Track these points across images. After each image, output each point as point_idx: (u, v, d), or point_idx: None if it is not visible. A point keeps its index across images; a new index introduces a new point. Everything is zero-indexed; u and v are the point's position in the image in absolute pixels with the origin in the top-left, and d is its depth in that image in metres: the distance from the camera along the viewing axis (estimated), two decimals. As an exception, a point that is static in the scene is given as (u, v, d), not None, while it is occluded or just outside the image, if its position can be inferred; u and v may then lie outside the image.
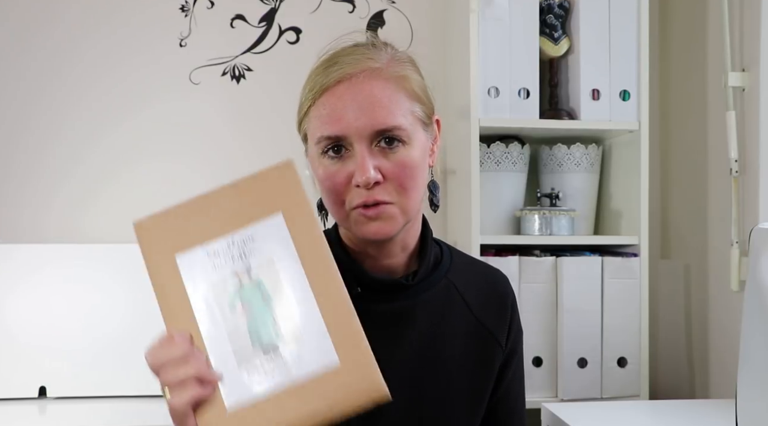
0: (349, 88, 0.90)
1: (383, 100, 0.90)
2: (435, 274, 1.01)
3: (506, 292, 1.07)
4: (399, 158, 0.91)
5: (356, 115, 0.89)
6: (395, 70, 0.92)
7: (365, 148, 0.89)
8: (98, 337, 1.54)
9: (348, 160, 0.90)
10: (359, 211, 0.91)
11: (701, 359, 1.74)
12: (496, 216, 1.73)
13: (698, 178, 1.75)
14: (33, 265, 1.56)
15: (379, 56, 0.93)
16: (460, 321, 1.01)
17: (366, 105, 0.89)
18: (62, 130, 1.85)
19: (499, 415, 1.05)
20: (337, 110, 0.89)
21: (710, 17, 1.70)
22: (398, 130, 0.90)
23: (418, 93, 0.94)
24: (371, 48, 0.94)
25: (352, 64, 0.91)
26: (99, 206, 1.85)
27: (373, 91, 0.90)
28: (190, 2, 1.89)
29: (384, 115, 0.89)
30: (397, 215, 0.92)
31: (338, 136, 0.90)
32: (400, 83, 0.92)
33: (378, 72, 0.91)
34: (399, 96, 0.91)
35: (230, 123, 1.90)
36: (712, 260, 1.70)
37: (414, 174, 0.92)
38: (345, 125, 0.89)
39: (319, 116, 0.91)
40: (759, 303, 1.02)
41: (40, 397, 1.54)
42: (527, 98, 1.66)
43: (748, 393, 1.05)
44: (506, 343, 1.04)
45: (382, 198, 0.90)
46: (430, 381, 0.98)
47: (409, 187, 0.92)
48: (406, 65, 0.95)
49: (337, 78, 0.90)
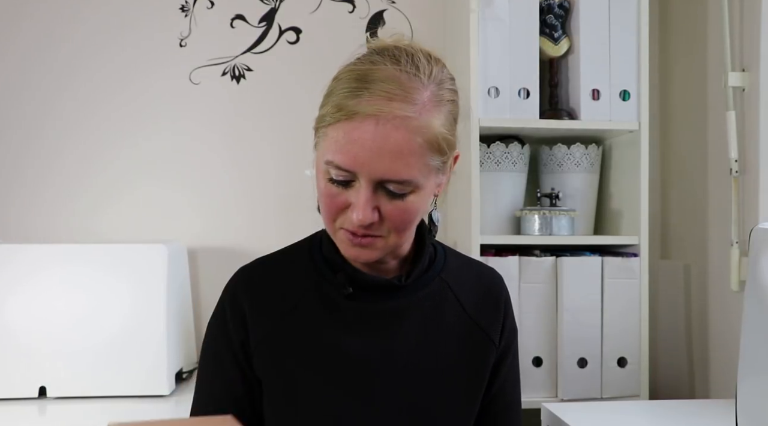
0: (375, 130, 0.85)
1: (404, 153, 0.86)
2: (428, 274, 1.02)
3: (500, 290, 1.07)
4: (402, 205, 0.90)
5: (373, 159, 0.86)
6: (426, 120, 0.87)
7: (370, 191, 0.88)
8: (98, 337, 1.54)
9: (350, 188, 0.89)
10: (347, 234, 0.91)
11: (701, 359, 1.74)
12: (496, 216, 1.73)
13: (698, 178, 1.75)
14: (33, 265, 1.56)
15: (418, 96, 0.87)
16: (453, 320, 1.01)
17: (386, 153, 0.86)
18: (64, 133, 1.85)
19: (494, 413, 1.05)
20: (356, 146, 0.86)
21: (710, 17, 1.70)
22: (408, 185, 0.89)
23: (441, 144, 0.90)
24: (413, 77, 0.88)
25: (388, 103, 0.86)
26: (99, 207, 1.86)
27: (399, 142, 0.86)
28: (190, 2, 1.89)
29: (399, 167, 0.87)
30: (382, 247, 0.93)
31: (348, 170, 0.88)
32: (427, 134, 0.88)
33: (410, 121, 0.86)
34: (422, 150, 0.88)
35: (230, 123, 1.90)
36: (712, 260, 1.70)
37: (412, 219, 0.92)
38: (359, 163, 0.86)
39: (337, 141, 0.88)
40: (759, 303, 1.02)
41: (40, 397, 1.54)
42: (527, 98, 1.66)
43: (748, 393, 1.05)
44: (500, 342, 1.04)
45: (372, 233, 0.91)
46: (424, 380, 0.98)
47: (402, 230, 0.92)
48: (442, 106, 0.90)
49: (370, 112, 0.86)
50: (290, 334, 0.96)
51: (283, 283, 1.00)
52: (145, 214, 1.86)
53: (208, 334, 1.01)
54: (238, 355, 0.97)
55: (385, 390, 0.96)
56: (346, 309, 0.97)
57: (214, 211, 1.89)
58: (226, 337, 0.98)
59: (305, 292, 0.98)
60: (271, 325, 0.97)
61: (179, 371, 1.63)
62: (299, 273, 1.00)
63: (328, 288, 0.98)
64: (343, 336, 0.96)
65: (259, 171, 1.90)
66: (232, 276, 1.02)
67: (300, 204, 1.81)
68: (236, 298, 0.99)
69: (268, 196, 1.90)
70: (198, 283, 1.86)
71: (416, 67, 0.89)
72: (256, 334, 0.97)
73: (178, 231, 1.86)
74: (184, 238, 1.83)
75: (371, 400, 0.95)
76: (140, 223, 1.85)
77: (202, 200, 1.89)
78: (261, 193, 1.90)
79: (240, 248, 1.88)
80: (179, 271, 1.69)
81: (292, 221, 1.86)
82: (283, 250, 1.05)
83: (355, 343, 0.96)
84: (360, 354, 0.96)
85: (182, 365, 1.65)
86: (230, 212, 1.90)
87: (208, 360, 1.01)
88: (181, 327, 1.66)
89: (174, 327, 1.60)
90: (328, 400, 0.95)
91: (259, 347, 0.96)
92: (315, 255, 1.01)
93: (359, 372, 0.95)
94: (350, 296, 0.97)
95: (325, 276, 0.99)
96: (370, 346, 0.96)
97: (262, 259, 1.04)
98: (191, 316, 1.77)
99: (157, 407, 1.50)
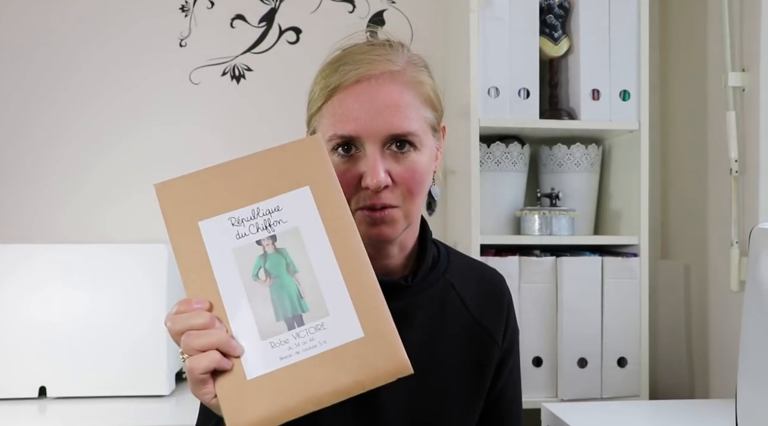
0: (367, 89, 0.89)
1: (400, 105, 0.89)
2: (433, 274, 1.02)
3: (502, 291, 1.07)
4: (409, 164, 0.91)
5: (373, 117, 0.88)
6: (413, 75, 0.92)
7: (377, 151, 0.89)
8: (98, 337, 1.54)
9: (358, 160, 0.90)
10: (365, 213, 0.91)
11: (701, 359, 1.74)
12: (496, 216, 1.73)
13: (698, 178, 1.75)
14: (34, 265, 1.56)
15: (397, 58, 0.92)
16: (457, 320, 1.01)
17: (383, 108, 0.89)
18: (64, 132, 1.86)
19: (496, 413, 1.05)
20: (354, 110, 0.89)
21: (710, 17, 1.70)
22: (412, 135, 0.90)
23: (432, 99, 0.94)
24: (389, 49, 0.93)
25: (371, 64, 0.90)
26: (100, 207, 1.86)
27: (392, 94, 0.89)
28: (190, 2, 1.89)
29: (400, 119, 0.89)
30: (400, 219, 0.93)
31: (352, 136, 0.89)
32: (416, 88, 0.92)
33: (397, 75, 0.90)
34: (415, 101, 0.91)
35: (230, 123, 1.90)
36: (712, 260, 1.70)
37: (422, 180, 0.93)
38: (360, 126, 0.88)
39: (334, 114, 0.90)
40: (759, 303, 1.02)
41: (40, 397, 1.54)
42: (527, 98, 1.66)
43: (748, 393, 1.05)
44: (503, 342, 1.04)
45: (389, 202, 0.91)
46: (428, 379, 0.98)
47: (415, 193, 0.93)
48: (422, 69, 0.95)
49: (356, 77, 0.89)
50: None
51: None
52: (146, 214, 1.85)
53: None
54: None
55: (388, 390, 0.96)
56: None
57: (214, 211, 1.89)
58: None
59: None
60: None
61: (179, 371, 1.63)
62: None
63: None
64: None
65: (259, 171, 1.90)
66: None
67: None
68: None
69: (268, 196, 1.89)
70: (198, 283, 1.85)
71: (390, 45, 0.95)
72: None
73: (178, 231, 1.86)
74: (184, 238, 1.83)
75: (375, 401, 0.95)
76: (140, 223, 1.85)
77: (202, 200, 1.88)
78: (261, 193, 1.90)
79: (240, 248, 1.87)
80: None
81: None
82: None
83: None
84: None
85: (182, 365, 1.65)
86: (230, 212, 1.89)
87: None
88: (181, 327, 1.66)
89: (174, 327, 1.60)
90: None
91: None
92: None
93: None
94: None
95: None
96: None
97: None
98: (191, 316, 1.77)
99: (157, 407, 1.50)
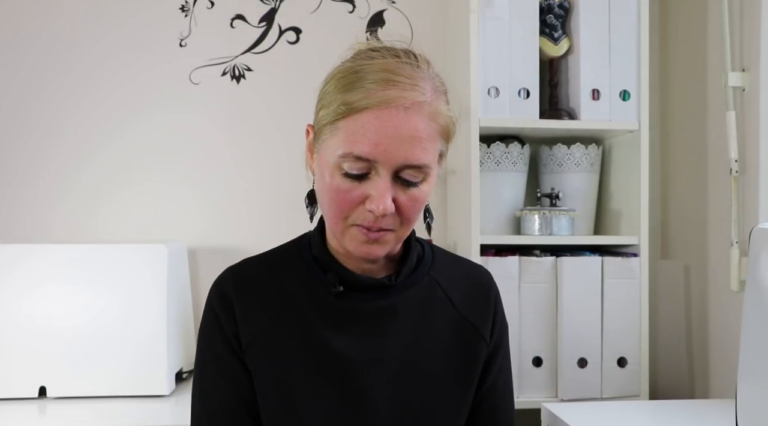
0: (395, 117, 0.87)
1: (423, 137, 0.89)
2: (417, 272, 1.02)
3: (489, 287, 1.07)
4: (414, 194, 0.91)
5: (395, 146, 0.88)
6: (436, 106, 0.91)
7: (388, 178, 0.89)
8: (98, 337, 1.54)
9: (365, 182, 0.90)
10: (361, 230, 0.92)
11: (701, 359, 1.74)
12: (496, 216, 1.73)
13: (698, 178, 1.75)
14: (34, 265, 1.56)
15: (425, 85, 0.90)
16: (444, 317, 1.02)
17: (407, 138, 0.88)
18: (61, 130, 1.86)
19: (486, 409, 1.05)
20: (377, 135, 0.87)
21: (710, 17, 1.70)
22: (426, 167, 0.91)
23: (448, 130, 0.94)
24: (416, 69, 0.91)
25: (400, 91, 0.88)
26: (100, 207, 1.86)
27: (418, 126, 0.88)
28: (190, 2, 1.89)
29: (419, 152, 0.89)
30: (392, 241, 0.94)
31: (369, 159, 0.88)
32: (437, 120, 0.91)
33: (424, 106, 0.89)
34: (434, 134, 0.91)
35: (230, 123, 1.90)
36: (712, 260, 1.70)
37: (420, 209, 0.94)
38: (380, 152, 0.87)
39: (354, 133, 0.88)
40: (759, 303, 1.02)
41: (40, 397, 1.54)
42: (527, 98, 1.66)
43: (748, 393, 1.05)
44: (491, 338, 1.04)
45: (386, 226, 0.92)
46: (416, 377, 0.98)
47: (412, 220, 0.94)
48: (442, 96, 0.93)
49: (384, 104, 0.88)
50: (281, 335, 0.96)
51: (273, 283, 0.99)
52: (145, 214, 1.86)
53: (202, 335, 1.00)
54: (236, 350, 0.97)
55: (376, 389, 0.96)
56: (337, 309, 0.97)
57: (215, 211, 1.89)
58: (221, 333, 0.97)
59: (295, 292, 0.98)
60: (262, 325, 0.97)
61: (179, 371, 1.63)
62: (289, 273, 1.00)
63: (318, 288, 0.98)
64: (333, 336, 0.96)
65: (259, 171, 1.90)
66: (219, 276, 1.01)
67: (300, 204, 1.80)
68: (226, 297, 0.98)
69: (269, 196, 1.90)
70: (198, 283, 1.86)
71: (417, 64, 0.92)
72: (246, 334, 0.96)
73: (178, 231, 1.86)
74: (184, 238, 1.83)
75: (363, 399, 0.95)
76: (140, 223, 1.85)
77: (202, 200, 1.89)
78: (261, 193, 1.90)
79: (240, 248, 1.88)
80: (179, 271, 1.69)
81: (293, 221, 1.85)
82: (270, 251, 1.05)
83: (345, 342, 0.96)
84: (350, 353, 0.96)
85: (182, 365, 1.65)
86: (230, 212, 1.90)
87: (207, 360, 0.99)
88: (181, 327, 1.66)
89: (174, 327, 1.60)
90: (320, 399, 0.95)
91: (250, 347, 0.96)
92: (305, 255, 1.01)
93: (350, 371, 0.95)
94: (340, 296, 0.97)
95: (315, 276, 0.99)
96: (360, 346, 0.96)
97: (250, 259, 1.03)
98: (191, 316, 1.77)
99: (157, 407, 1.50)
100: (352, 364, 0.96)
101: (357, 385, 0.95)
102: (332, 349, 0.96)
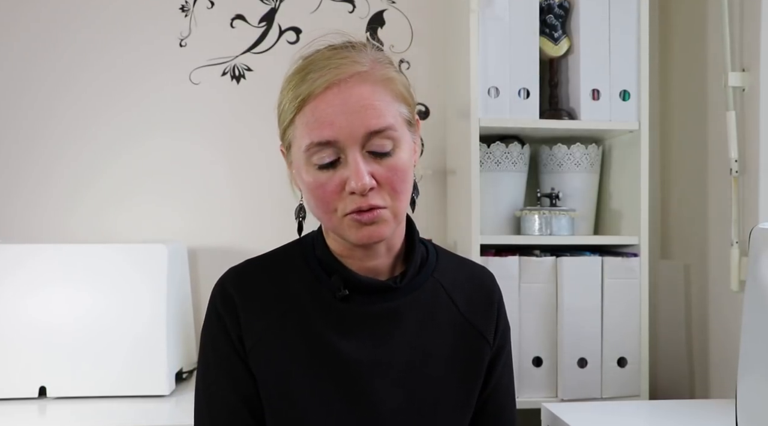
0: (338, 94, 0.89)
1: (374, 103, 0.90)
2: (421, 274, 1.02)
3: (492, 289, 1.07)
4: (391, 163, 0.91)
5: (348, 119, 0.89)
6: (381, 73, 0.92)
7: (358, 154, 0.89)
8: (98, 337, 1.54)
9: (339, 168, 0.90)
10: (353, 217, 0.91)
11: (701, 359, 1.74)
12: (496, 216, 1.73)
13: (698, 178, 1.75)
14: (33, 265, 1.56)
15: (362, 58, 0.92)
16: (447, 320, 1.01)
17: (357, 108, 0.89)
18: (62, 130, 1.86)
19: (490, 411, 1.05)
20: (328, 115, 0.89)
21: (710, 17, 1.70)
22: (390, 130, 0.91)
23: (403, 94, 0.95)
24: (352, 50, 0.93)
25: (338, 68, 0.90)
26: (100, 207, 1.86)
27: (363, 94, 0.90)
28: (190, 2, 1.89)
29: (375, 116, 0.90)
30: (390, 219, 0.93)
31: (329, 141, 0.89)
32: (386, 85, 0.92)
33: (365, 76, 0.91)
34: (388, 98, 0.92)
35: (230, 123, 1.90)
36: (712, 260, 1.70)
37: (405, 177, 0.93)
38: (337, 129, 0.89)
39: (308, 123, 0.90)
40: (759, 303, 1.02)
41: (40, 397, 1.54)
42: (527, 98, 1.66)
43: (748, 393, 1.05)
44: (494, 340, 1.04)
45: (376, 203, 0.91)
46: (420, 380, 0.98)
47: (400, 191, 0.93)
48: (388, 66, 0.95)
49: (325, 84, 0.90)
50: (284, 337, 0.96)
51: (276, 284, 0.99)
52: (146, 214, 1.86)
53: (205, 335, 1.00)
54: (239, 351, 0.97)
55: (381, 392, 0.96)
56: (341, 311, 0.97)
57: (214, 212, 1.89)
58: (225, 334, 0.97)
59: (299, 294, 0.98)
60: (265, 327, 0.96)
61: (179, 371, 1.63)
62: (292, 275, 1.00)
63: (322, 290, 0.98)
64: (337, 338, 0.96)
65: (259, 171, 1.90)
66: (222, 276, 1.01)
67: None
68: (229, 298, 0.98)
69: (269, 196, 1.89)
70: (198, 283, 1.86)
71: (352, 47, 0.95)
72: (250, 336, 0.96)
73: (178, 231, 1.86)
74: (184, 238, 1.83)
75: (367, 402, 0.95)
76: (140, 223, 1.85)
77: (202, 200, 1.89)
78: (261, 193, 1.90)
79: (240, 248, 1.88)
80: (179, 271, 1.69)
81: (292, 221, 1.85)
82: (272, 252, 1.05)
83: (349, 345, 0.96)
84: (355, 356, 0.95)
85: (182, 365, 1.65)
86: (230, 212, 1.90)
87: (211, 360, 0.99)
88: (180, 327, 1.66)
89: (174, 327, 1.60)
90: (324, 402, 0.94)
91: (254, 349, 0.96)
92: (308, 257, 1.01)
93: (354, 374, 0.95)
94: (345, 298, 0.97)
95: (319, 278, 0.99)
96: (364, 349, 0.96)
97: (252, 260, 1.03)
98: (191, 316, 1.77)
99: (157, 407, 1.50)
100: (357, 366, 0.95)
101: (361, 388, 0.95)
102: (337, 352, 0.95)
